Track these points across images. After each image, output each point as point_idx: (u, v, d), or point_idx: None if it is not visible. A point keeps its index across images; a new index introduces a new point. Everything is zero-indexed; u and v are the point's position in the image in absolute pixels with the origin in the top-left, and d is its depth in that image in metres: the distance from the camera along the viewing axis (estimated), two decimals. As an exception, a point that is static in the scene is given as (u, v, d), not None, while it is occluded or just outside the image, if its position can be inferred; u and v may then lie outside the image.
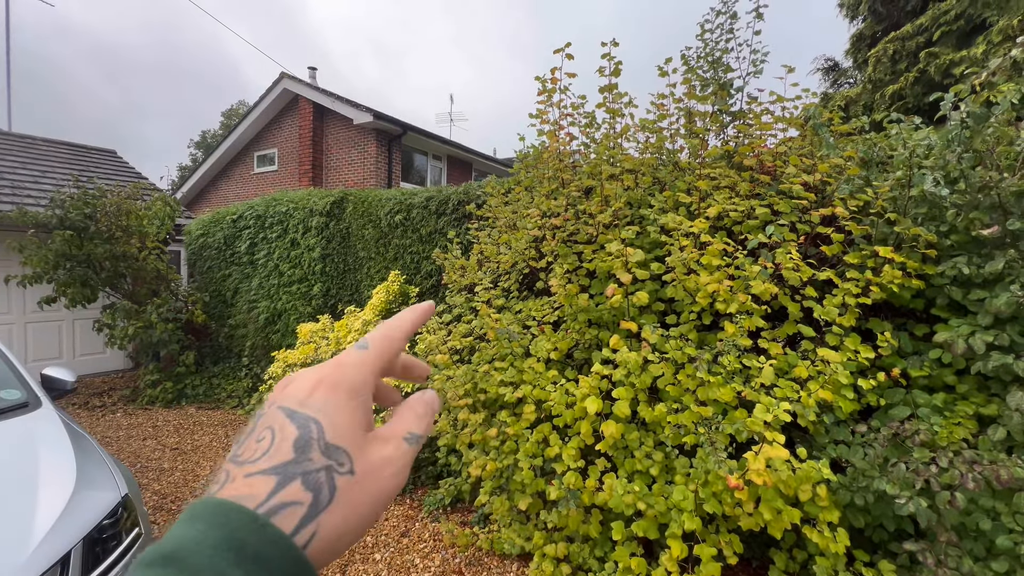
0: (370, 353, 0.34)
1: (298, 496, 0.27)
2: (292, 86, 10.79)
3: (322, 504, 0.27)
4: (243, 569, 0.23)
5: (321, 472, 0.28)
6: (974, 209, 2.07)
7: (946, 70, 6.15)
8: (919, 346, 2.21)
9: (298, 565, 0.25)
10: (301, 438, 0.28)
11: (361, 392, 0.32)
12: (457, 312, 3.42)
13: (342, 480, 0.28)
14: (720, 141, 3.18)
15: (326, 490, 0.28)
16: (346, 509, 0.28)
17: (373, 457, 0.31)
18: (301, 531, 0.26)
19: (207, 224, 6.91)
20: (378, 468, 0.30)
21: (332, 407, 0.30)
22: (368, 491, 0.29)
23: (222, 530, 0.24)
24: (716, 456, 1.97)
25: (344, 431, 0.30)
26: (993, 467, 1.66)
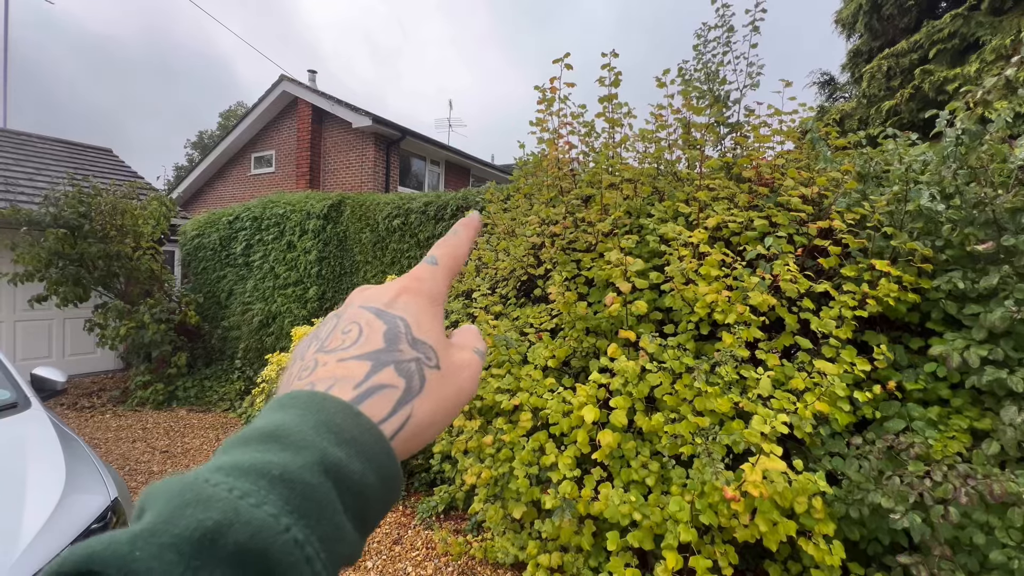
0: (440, 268, 0.36)
1: (392, 380, 0.28)
2: (291, 88, 10.79)
3: (414, 391, 0.28)
4: (343, 450, 0.23)
5: (412, 363, 0.29)
6: (969, 225, 2.10)
7: (940, 87, 6.25)
8: (914, 359, 2.22)
9: (388, 455, 0.25)
10: (390, 331, 0.29)
11: (439, 300, 0.34)
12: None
13: (430, 372, 0.29)
14: (718, 152, 3.21)
15: (417, 379, 0.28)
16: (435, 399, 0.29)
17: (455, 358, 0.32)
18: (396, 414, 0.27)
19: (203, 225, 6.87)
20: (459, 368, 0.32)
21: (416, 309, 0.32)
22: (452, 386, 0.31)
23: (320, 415, 0.24)
24: (713, 467, 1.97)
25: (428, 331, 0.31)
26: (987, 481, 1.67)
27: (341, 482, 0.22)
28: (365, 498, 0.23)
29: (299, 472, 0.21)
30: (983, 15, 6.26)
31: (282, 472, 0.21)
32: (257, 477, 0.21)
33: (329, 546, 0.21)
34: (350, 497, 0.23)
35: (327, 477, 0.22)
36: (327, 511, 0.21)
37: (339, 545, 0.22)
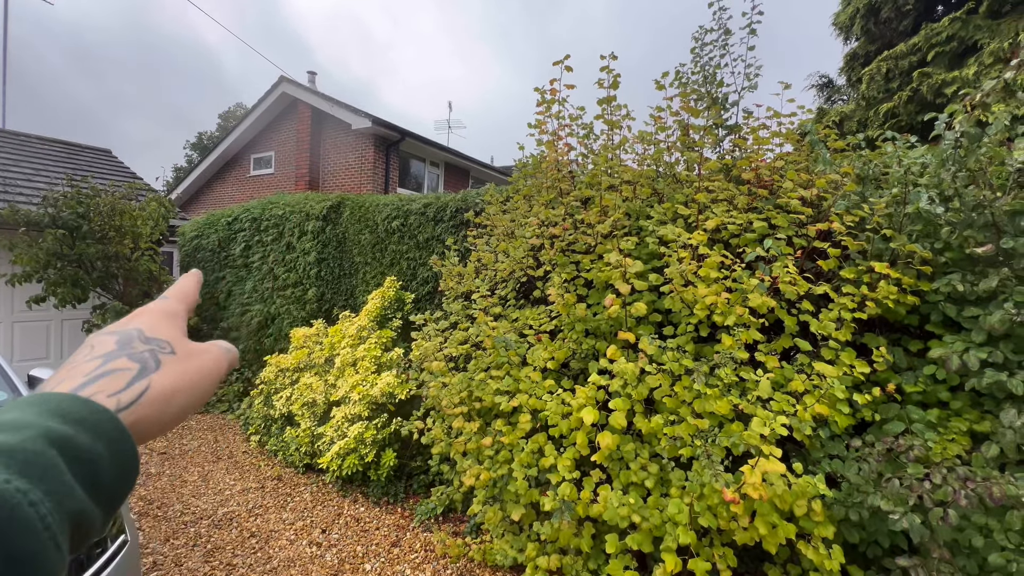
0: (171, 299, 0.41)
1: (124, 365, 0.31)
2: (291, 90, 10.79)
3: (150, 369, 0.32)
4: (71, 428, 0.26)
5: (145, 352, 0.33)
6: (968, 227, 2.10)
7: (938, 89, 6.27)
8: (913, 362, 2.22)
9: (118, 429, 0.28)
10: (122, 338, 0.34)
11: (174, 315, 0.39)
12: (453, 319, 3.41)
13: (166, 356, 0.34)
14: (717, 155, 3.21)
15: (152, 361, 0.33)
16: (174, 375, 0.33)
17: (192, 347, 0.36)
18: (131, 386, 0.30)
19: (202, 226, 6.86)
20: (198, 353, 0.36)
21: (149, 320, 0.36)
22: (193, 366, 0.35)
23: (43, 405, 0.27)
24: (712, 469, 1.97)
25: (163, 331, 0.36)
26: (986, 484, 1.67)
27: (68, 451, 0.25)
28: (95, 465, 0.26)
29: (21, 443, 0.24)
30: (981, 18, 6.28)
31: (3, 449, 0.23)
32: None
33: (56, 499, 0.23)
34: (79, 464, 0.25)
35: (51, 446, 0.24)
36: (51, 472, 0.24)
37: (68, 501, 0.24)
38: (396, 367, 3.94)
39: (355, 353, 4.12)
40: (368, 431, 3.53)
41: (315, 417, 4.15)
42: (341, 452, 3.55)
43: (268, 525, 3.28)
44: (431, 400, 2.97)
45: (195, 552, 2.98)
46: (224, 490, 3.77)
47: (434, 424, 3.02)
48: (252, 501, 3.60)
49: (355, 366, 4.08)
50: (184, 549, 3.00)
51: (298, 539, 3.12)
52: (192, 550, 3.00)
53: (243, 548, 3.03)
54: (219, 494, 3.71)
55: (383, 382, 3.69)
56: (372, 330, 4.31)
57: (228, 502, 3.59)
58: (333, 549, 3.02)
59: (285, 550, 3.01)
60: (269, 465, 4.22)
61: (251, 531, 3.21)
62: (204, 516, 3.38)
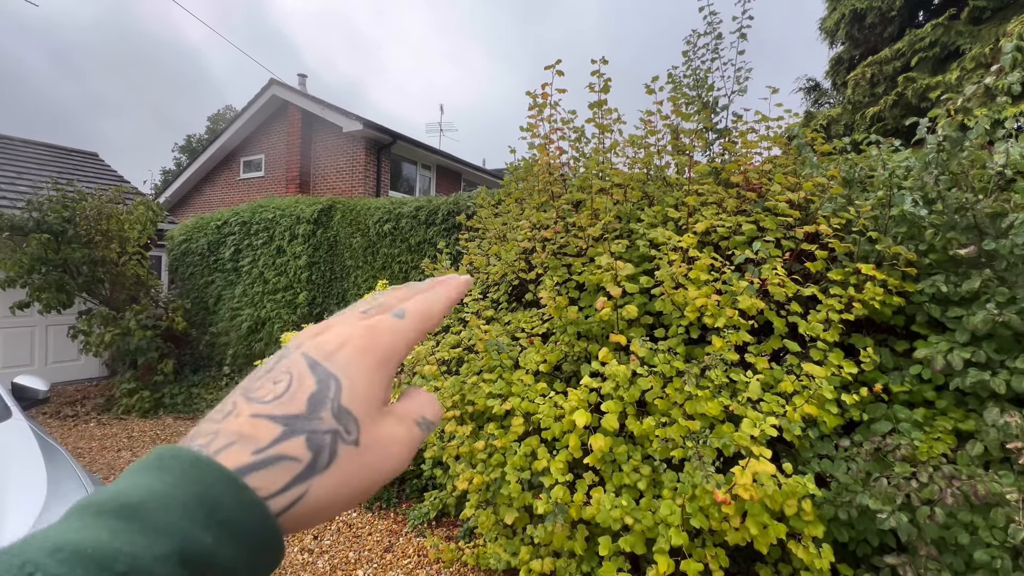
0: (407, 324, 0.31)
1: (298, 453, 0.25)
2: (281, 92, 10.73)
3: (319, 467, 0.26)
4: (213, 533, 0.21)
5: (327, 435, 0.26)
6: (951, 229, 2.14)
7: (923, 94, 6.38)
8: (900, 362, 2.26)
9: (270, 532, 0.24)
10: (317, 394, 0.27)
11: (390, 362, 0.30)
12: (446, 323, 3.40)
13: (344, 448, 0.27)
14: (707, 158, 3.24)
15: (327, 454, 0.26)
16: (341, 478, 0.27)
17: (382, 432, 0.29)
18: (290, 489, 0.25)
19: (190, 230, 6.80)
20: (384, 445, 0.29)
21: (355, 370, 0.29)
22: (367, 465, 0.28)
23: (195, 486, 0.22)
24: (704, 470, 1.98)
25: (360, 398, 0.28)
26: (971, 482, 1.70)
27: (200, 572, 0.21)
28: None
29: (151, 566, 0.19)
30: (963, 24, 6.41)
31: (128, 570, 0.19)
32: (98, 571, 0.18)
33: None
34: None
35: (184, 569, 0.20)
36: None
37: None
38: (388, 371, 3.92)
39: (347, 357, 4.09)
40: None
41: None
42: (333, 457, 3.51)
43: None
44: None
45: (184, 561, 2.94)
46: (214, 497, 3.72)
47: (427, 428, 3.00)
48: (242, 508, 3.56)
49: (347, 370, 4.05)
50: (173, 558, 2.96)
51: (289, 545, 3.09)
52: (181, 559, 2.96)
53: (233, 556, 2.99)
54: (209, 501, 3.66)
55: (375, 386, 3.67)
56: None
57: (218, 509, 3.54)
58: (325, 555, 2.99)
59: (276, 557, 2.98)
60: (260, 471, 4.18)
61: (241, 538, 3.17)
62: (193, 524, 3.33)
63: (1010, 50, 1.86)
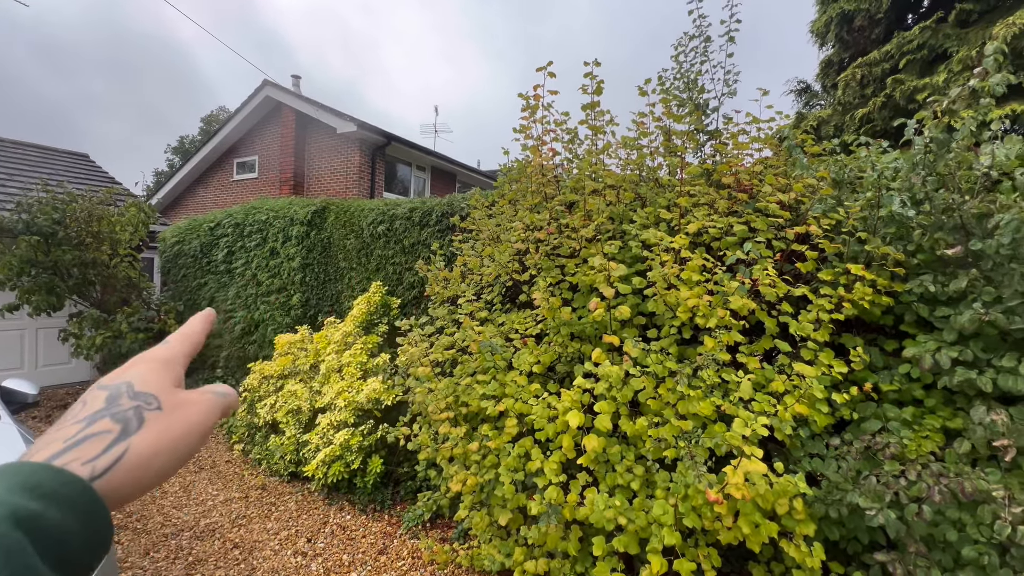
0: (172, 343, 0.40)
1: (106, 427, 0.31)
2: (274, 93, 10.69)
3: (131, 430, 0.31)
4: (40, 503, 0.26)
5: (130, 410, 0.32)
6: (938, 230, 2.17)
7: (911, 95, 6.45)
8: (889, 361, 2.28)
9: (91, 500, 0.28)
10: (112, 394, 0.33)
11: (171, 362, 0.38)
12: (440, 324, 3.40)
13: (151, 413, 0.33)
14: (698, 159, 3.26)
15: (135, 421, 0.32)
16: (156, 433, 0.32)
17: (181, 398, 0.35)
18: (109, 451, 0.30)
19: (183, 231, 6.75)
20: (185, 406, 0.35)
21: (143, 370, 0.36)
22: (177, 420, 0.34)
23: (14, 478, 0.26)
24: (696, 470, 1.99)
25: (153, 383, 0.35)
26: (958, 480, 1.72)
27: (35, 531, 0.25)
28: (65, 541, 0.26)
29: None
30: (950, 27, 6.49)
31: None
32: None
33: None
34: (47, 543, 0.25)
35: (17, 527, 0.24)
36: (16, 555, 0.24)
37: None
38: (382, 373, 3.91)
39: (341, 359, 4.08)
40: (354, 438, 3.50)
41: (300, 425, 4.10)
42: (327, 459, 3.51)
43: (252, 535, 3.23)
44: (417, 406, 2.96)
45: (176, 565, 2.92)
46: (206, 500, 3.70)
47: (421, 430, 3.00)
48: (235, 511, 3.54)
49: (341, 372, 4.04)
50: (165, 562, 2.94)
51: (283, 549, 3.08)
52: (173, 563, 2.93)
53: (226, 560, 2.97)
54: (201, 505, 3.63)
55: (369, 388, 3.66)
56: (358, 336, 4.27)
57: (210, 513, 3.52)
58: (319, 558, 2.98)
59: (269, 560, 2.96)
60: (253, 474, 4.15)
61: (234, 542, 3.15)
62: (185, 528, 3.31)
63: (991, 52, 1.88)
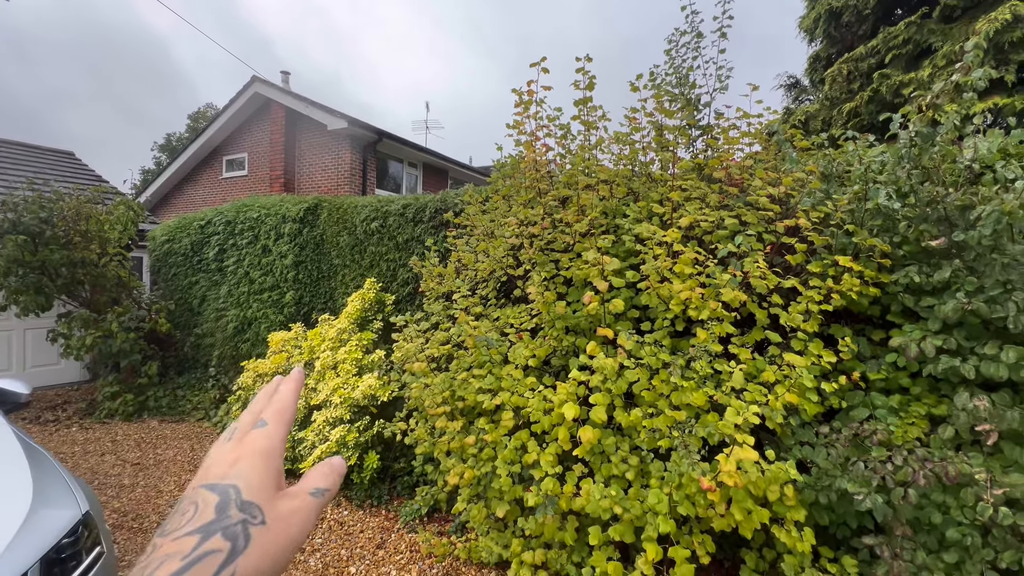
0: (272, 428, 0.40)
1: (218, 545, 0.32)
2: (263, 90, 10.58)
3: (239, 550, 0.32)
4: None
5: (238, 525, 0.33)
6: (923, 221, 2.22)
7: (896, 90, 6.55)
8: (876, 350, 2.33)
9: None
10: (222, 501, 0.34)
11: (272, 456, 0.38)
12: (435, 320, 3.42)
13: (256, 530, 0.34)
14: (690, 154, 3.30)
15: (242, 539, 0.32)
16: (260, 553, 0.33)
17: (282, 509, 0.36)
18: (220, 573, 0.31)
19: (173, 230, 6.68)
20: (286, 518, 0.36)
21: (248, 470, 0.36)
22: (279, 537, 0.35)
23: None
24: (689, 459, 2.03)
25: (257, 489, 0.35)
26: (943, 464, 1.77)
27: None
28: None
29: None
30: (935, 22, 6.59)
31: None
32: None
33: None
34: None
35: None
36: None
37: None
38: (378, 369, 3.92)
39: (335, 356, 4.08)
40: (350, 434, 3.51)
41: (295, 422, 4.09)
42: (322, 456, 3.51)
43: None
44: (414, 401, 2.97)
45: (173, 563, 2.91)
46: (202, 499, 3.69)
47: (417, 425, 3.02)
48: (232, 509, 3.53)
49: (336, 369, 4.04)
50: (162, 560, 2.93)
51: (280, 545, 3.08)
52: (170, 561, 2.93)
53: (223, 557, 2.98)
54: (197, 503, 3.62)
55: (365, 384, 3.67)
56: (352, 332, 4.27)
57: (207, 511, 3.51)
58: (316, 554, 2.99)
59: (267, 557, 2.97)
60: (248, 472, 4.15)
61: (231, 539, 3.16)
62: (182, 526, 3.30)
63: (972, 48, 1.93)
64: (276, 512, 0.35)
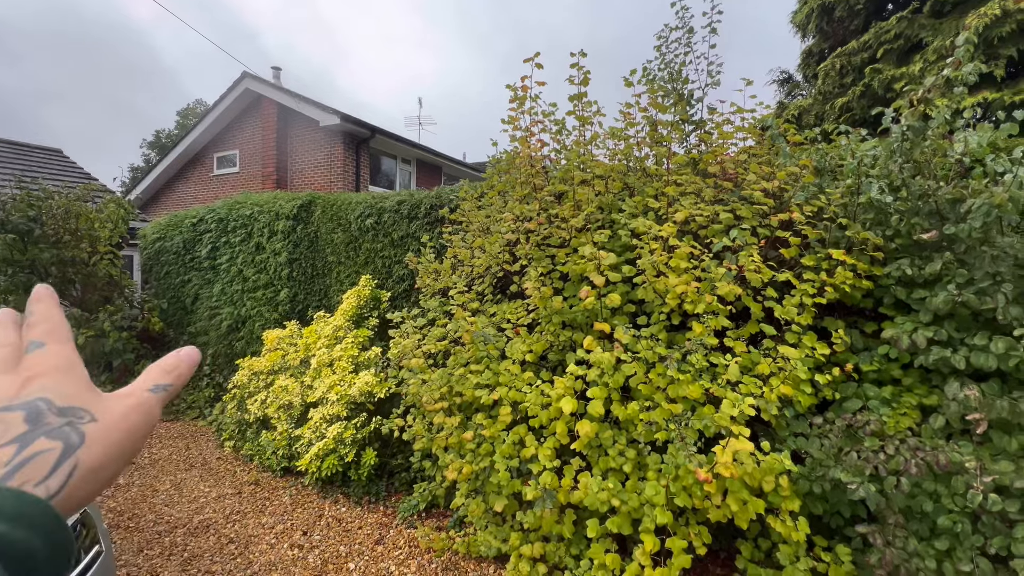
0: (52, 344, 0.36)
1: (46, 446, 0.30)
2: (254, 86, 10.47)
3: (74, 446, 0.31)
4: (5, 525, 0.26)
5: (64, 427, 0.31)
6: (915, 215, 2.25)
7: (888, 85, 6.59)
8: (869, 342, 2.36)
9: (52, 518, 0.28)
10: (31, 415, 0.31)
11: (74, 370, 0.35)
12: (431, 316, 3.42)
13: (88, 426, 0.32)
14: (684, 149, 3.31)
15: (74, 436, 0.31)
16: (100, 444, 0.32)
17: (115, 407, 0.34)
18: (59, 468, 0.30)
19: (164, 228, 6.62)
20: (122, 414, 0.34)
21: (52, 384, 0.33)
22: (118, 430, 0.33)
23: None
24: (686, 451, 2.05)
25: (72, 396, 0.33)
26: (934, 453, 1.80)
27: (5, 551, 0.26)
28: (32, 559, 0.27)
29: None
30: (925, 17, 6.63)
31: None
32: None
33: None
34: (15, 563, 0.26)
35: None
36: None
37: None
38: (374, 366, 3.92)
39: (331, 353, 4.07)
40: (347, 431, 3.51)
41: (292, 419, 4.09)
42: (320, 453, 3.51)
43: (247, 530, 3.23)
44: (411, 397, 2.98)
45: (171, 561, 2.91)
46: (199, 498, 3.68)
47: (415, 421, 3.03)
48: (229, 507, 3.53)
49: (332, 366, 4.03)
50: (160, 559, 2.93)
51: (279, 543, 3.09)
52: (168, 559, 2.93)
53: (222, 555, 2.97)
54: (194, 502, 3.62)
55: (361, 381, 3.67)
56: (348, 330, 4.26)
57: (204, 509, 3.51)
58: (315, 550, 3.00)
59: (266, 554, 2.97)
60: (245, 470, 4.14)
61: (229, 537, 3.15)
62: (179, 525, 3.29)
63: (962, 43, 1.95)
64: (107, 409, 0.34)
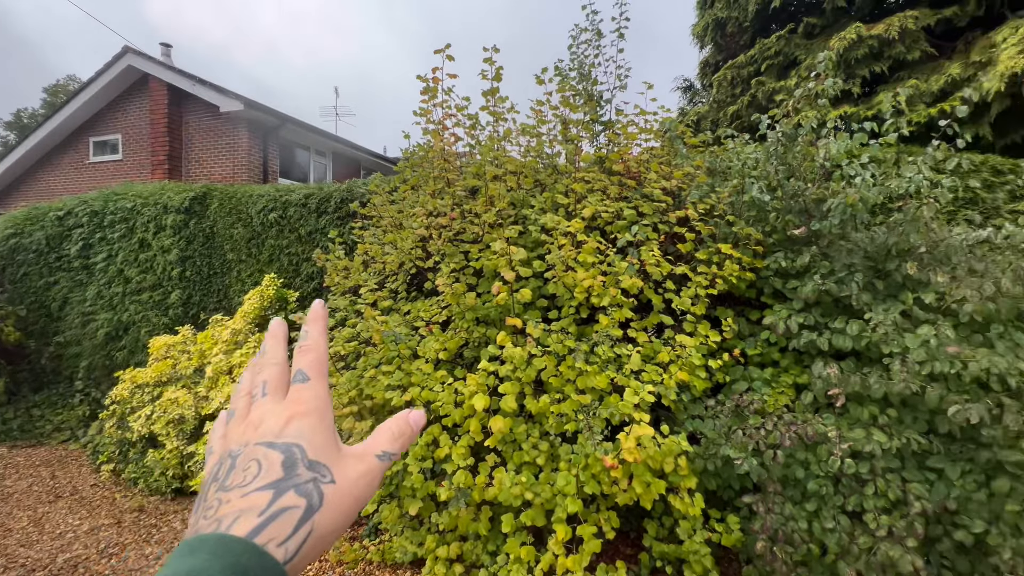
0: (314, 381, 0.38)
1: (294, 502, 0.31)
2: (139, 63, 9.31)
3: (315, 507, 0.32)
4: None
5: (309, 483, 0.33)
6: (788, 213, 2.50)
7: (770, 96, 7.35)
8: (753, 329, 2.60)
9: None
10: (287, 459, 0.33)
11: (325, 413, 0.37)
12: (341, 316, 3.24)
13: (327, 488, 0.34)
14: (593, 148, 3.42)
15: (316, 496, 0.32)
16: (334, 510, 0.33)
17: (350, 471, 0.36)
18: (299, 530, 0.31)
19: (20, 222, 5.68)
20: (354, 480, 0.36)
21: (308, 430, 0.35)
22: (348, 497, 0.35)
23: (226, 558, 0.27)
24: (593, 440, 2.12)
25: (321, 448, 0.35)
26: (804, 426, 2.02)
27: None
28: None
29: None
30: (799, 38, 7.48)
31: None
32: None
33: None
34: None
35: None
36: None
37: None
38: (279, 372, 3.64)
39: (230, 360, 3.73)
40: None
41: (184, 435, 3.69)
42: (217, 470, 3.20)
43: (127, 565, 2.86)
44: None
45: (27, 611, 2.50)
46: (66, 533, 3.20)
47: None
48: (105, 540, 3.10)
49: (231, 374, 3.69)
50: (11, 610, 2.50)
51: (167, 573, 2.77)
52: (22, 609, 2.51)
53: (94, 595, 2.61)
54: (59, 539, 3.14)
55: (264, 389, 3.39)
56: (250, 333, 3.93)
57: (71, 546, 3.05)
58: None
59: (150, 588, 2.65)
60: (127, 496, 3.67)
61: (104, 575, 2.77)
62: (38, 567, 2.84)
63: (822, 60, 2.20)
64: (343, 472, 0.35)
